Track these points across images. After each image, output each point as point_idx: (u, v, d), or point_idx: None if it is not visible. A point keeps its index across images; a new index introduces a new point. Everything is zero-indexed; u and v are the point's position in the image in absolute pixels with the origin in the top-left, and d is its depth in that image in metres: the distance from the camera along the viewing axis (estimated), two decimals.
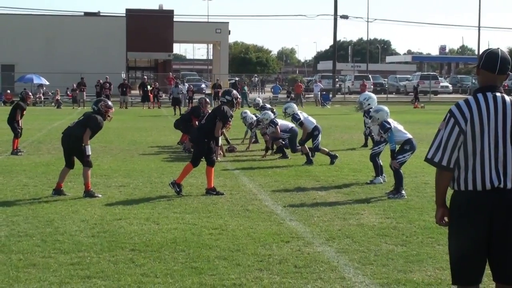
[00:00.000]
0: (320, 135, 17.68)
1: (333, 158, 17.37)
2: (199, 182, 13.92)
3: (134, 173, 15.53)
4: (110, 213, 10.87)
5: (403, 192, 12.52)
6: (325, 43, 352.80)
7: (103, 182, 13.93)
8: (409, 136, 13.08)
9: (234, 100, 13.55)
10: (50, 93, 56.87)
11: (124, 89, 50.21)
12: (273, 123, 18.56)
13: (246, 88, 55.77)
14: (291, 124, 18.49)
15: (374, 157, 14.15)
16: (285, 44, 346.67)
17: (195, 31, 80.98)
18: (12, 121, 19.87)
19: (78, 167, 12.71)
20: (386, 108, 13.74)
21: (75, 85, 51.77)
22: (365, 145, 21.44)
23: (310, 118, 17.98)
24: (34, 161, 17.53)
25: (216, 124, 13.04)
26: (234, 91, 13.93)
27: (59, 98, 51.68)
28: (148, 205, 11.65)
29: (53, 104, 52.68)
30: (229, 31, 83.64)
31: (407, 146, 12.86)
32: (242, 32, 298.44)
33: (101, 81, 50.38)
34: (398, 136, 13.08)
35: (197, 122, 18.45)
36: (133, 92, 58.28)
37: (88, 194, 12.36)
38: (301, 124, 17.54)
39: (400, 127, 13.32)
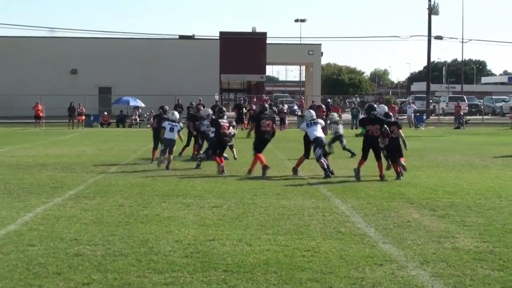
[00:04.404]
0: (318, 148, 18.92)
1: (326, 174, 18.69)
2: (292, 204, 13.91)
3: (227, 194, 15.61)
4: (203, 234, 10.95)
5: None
6: (419, 64, 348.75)
7: (196, 203, 14.06)
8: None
9: None
10: (145, 115, 57.90)
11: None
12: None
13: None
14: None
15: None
16: (378, 65, 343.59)
17: (287, 53, 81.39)
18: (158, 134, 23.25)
19: (161, 188, 12.83)
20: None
21: (153, 112, 52.48)
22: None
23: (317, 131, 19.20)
24: (129, 181, 17.84)
25: None
26: None
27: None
28: (241, 226, 11.68)
29: (148, 126, 53.60)
30: (322, 52, 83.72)
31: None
32: (335, 53, 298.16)
33: (193, 103, 51.00)
34: None
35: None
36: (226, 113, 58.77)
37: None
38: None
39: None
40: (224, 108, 22.67)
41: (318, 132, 19.06)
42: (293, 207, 13.56)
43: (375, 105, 19.89)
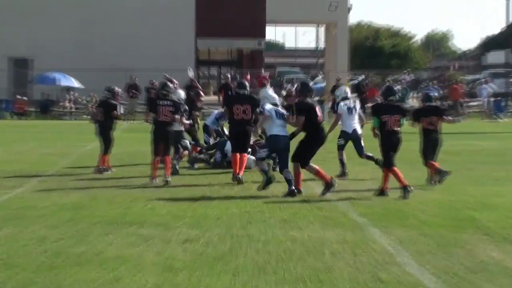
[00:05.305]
0: (266, 150, 19.67)
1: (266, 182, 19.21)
2: (305, 236, 13.80)
3: (207, 221, 15.51)
4: (169, 283, 10.83)
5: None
6: (496, 26, 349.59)
7: (159, 235, 13.92)
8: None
9: None
10: (83, 100, 57.88)
11: (191, 93, 50.67)
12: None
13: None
14: None
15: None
16: (435, 27, 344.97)
17: (298, 7, 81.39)
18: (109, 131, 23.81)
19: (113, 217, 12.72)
20: None
21: (96, 97, 52.41)
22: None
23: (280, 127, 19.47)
24: (56, 202, 17.74)
25: None
26: None
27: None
28: (227, 270, 11.56)
29: (88, 116, 53.53)
30: (350, 6, 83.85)
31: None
32: (369, 8, 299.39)
33: (156, 82, 51.07)
34: None
35: None
36: (206, 98, 58.90)
37: None
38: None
39: None
40: (169, 84, 22.47)
41: (282, 130, 19.35)
42: (307, 241, 13.46)
43: (395, 87, 21.03)
